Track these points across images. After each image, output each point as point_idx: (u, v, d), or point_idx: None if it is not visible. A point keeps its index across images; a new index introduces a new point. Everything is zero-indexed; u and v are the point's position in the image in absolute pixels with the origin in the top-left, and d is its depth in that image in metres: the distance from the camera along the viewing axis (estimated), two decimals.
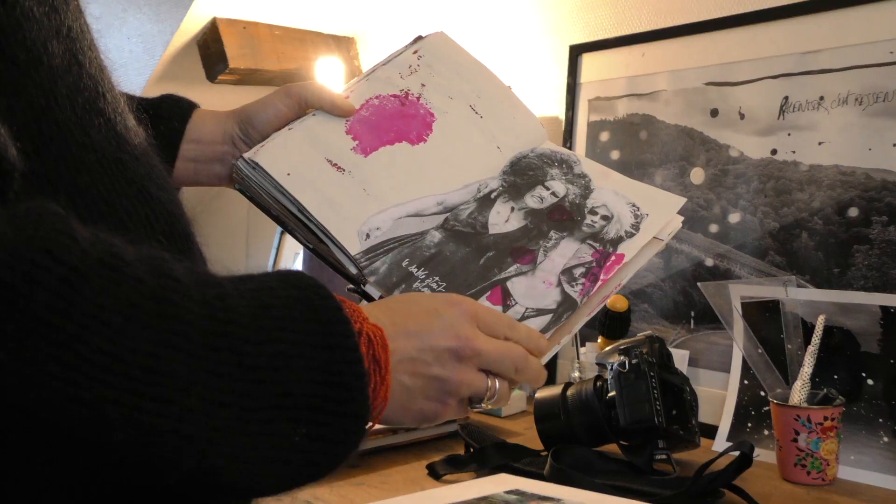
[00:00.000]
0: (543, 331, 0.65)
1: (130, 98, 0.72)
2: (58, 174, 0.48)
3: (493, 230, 0.72)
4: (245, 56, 1.84)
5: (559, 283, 0.68)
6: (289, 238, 2.15)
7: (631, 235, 0.71)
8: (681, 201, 0.77)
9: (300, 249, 2.02)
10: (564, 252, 0.70)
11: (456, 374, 0.57)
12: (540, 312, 0.66)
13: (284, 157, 0.74)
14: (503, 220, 0.73)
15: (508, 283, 0.69)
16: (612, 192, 0.76)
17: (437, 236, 0.72)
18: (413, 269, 0.69)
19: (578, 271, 0.69)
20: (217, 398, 0.43)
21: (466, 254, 0.71)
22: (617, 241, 0.71)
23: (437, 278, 0.69)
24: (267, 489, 0.48)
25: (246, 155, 0.74)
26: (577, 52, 1.61)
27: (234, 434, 0.44)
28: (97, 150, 0.51)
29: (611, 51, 1.55)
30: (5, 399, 0.37)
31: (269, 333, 0.46)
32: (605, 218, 0.74)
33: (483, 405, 0.60)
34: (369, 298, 0.69)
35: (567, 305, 0.67)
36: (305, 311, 0.48)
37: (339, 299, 0.51)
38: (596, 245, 0.71)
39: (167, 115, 0.81)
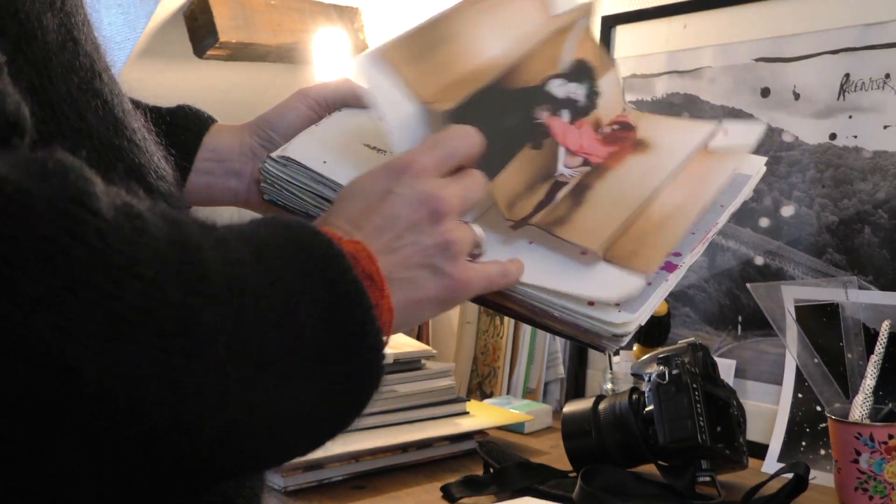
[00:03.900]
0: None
1: (136, 102, 0.74)
2: None
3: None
4: (237, 28, 1.85)
5: None
6: None
7: None
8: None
9: None
10: None
11: (442, 236, 0.60)
12: None
13: (318, 147, 0.75)
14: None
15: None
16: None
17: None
18: None
19: None
20: (241, 349, 0.45)
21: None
22: None
23: None
24: (295, 446, 0.51)
25: (274, 154, 0.75)
26: (610, 23, 1.61)
27: (258, 388, 0.46)
28: (93, 136, 0.53)
29: (649, 22, 1.56)
30: (45, 365, 0.39)
31: (274, 273, 0.49)
32: None
33: (481, 250, 0.65)
34: None
35: None
36: (297, 249, 0.51)
37: (323, 229, 0.54)
38: None
39: (183, 123, 0.82)
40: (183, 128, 0.82)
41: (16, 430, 0.40)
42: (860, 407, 1.10)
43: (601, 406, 1.18)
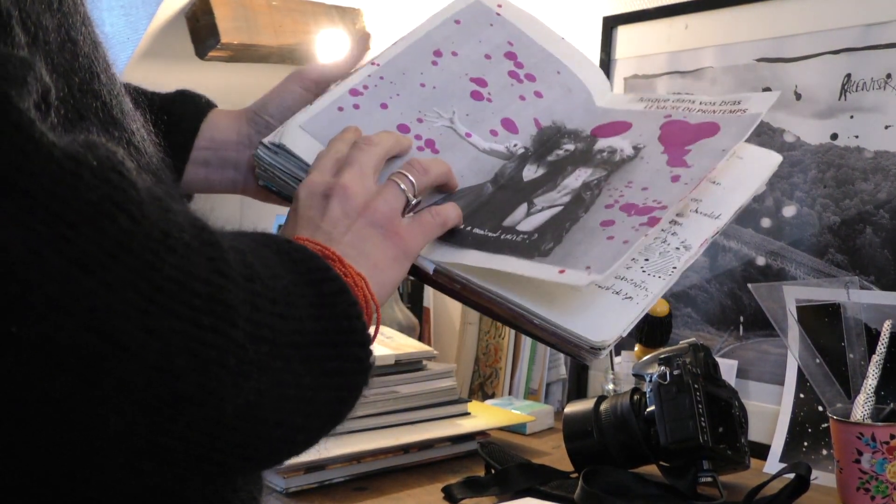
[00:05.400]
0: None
1: (137, 90, 0.74)
2: None
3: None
4: (239, 30, 1.85)
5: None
6: None
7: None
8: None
9: None
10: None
11: (366, 207, 0.65)
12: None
13: (311, 133, 0.75)
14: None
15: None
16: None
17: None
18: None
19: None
20: (255, 332, 0.47)
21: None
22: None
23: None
24: (296, 437, 0.52)
25: (266, 139, 0.75)
26: (611, 23, 1.61)
27: (270, 371, 0.48)
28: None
29: (650, 22, 1.56)
30: (91, 325, 0.40)
31: (273, 269, 0.51)
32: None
33: (415, 200, 0.70)
34: (420, 275, 0.72)
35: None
36: (280, 253, 0.54)
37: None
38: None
39: (180, 111, 0.82)
40: (180, 115, 0.82)
41: (60, 386, 0.41)
42: (862, 407, 1.10)
43: (603, 407, 1.18)
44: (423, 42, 0.85)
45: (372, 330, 0.58)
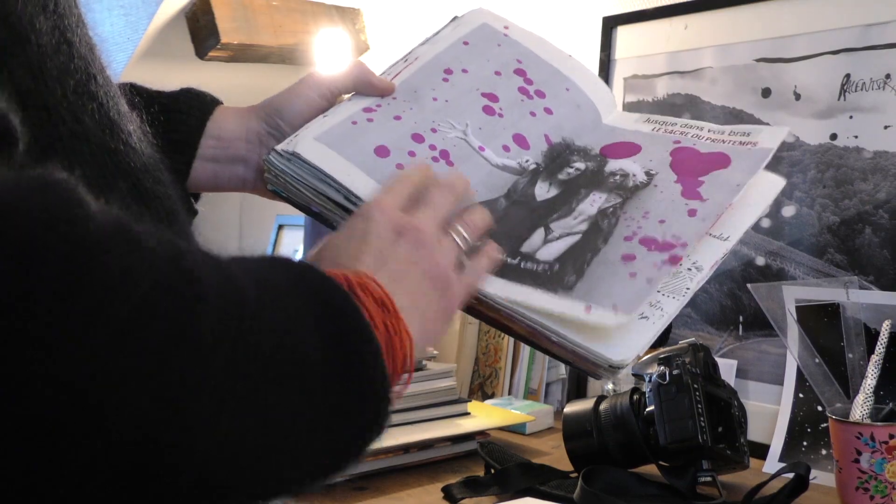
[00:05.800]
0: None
1: (139, 89, 0.74)
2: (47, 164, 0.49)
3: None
4: (238, 30, 1.85)
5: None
6: (286, 237, 2.17)
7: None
8: None
9: (299, 247, 2.03)
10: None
11: (425, 257, 0.63)
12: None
13: (327, 144, 0.75)
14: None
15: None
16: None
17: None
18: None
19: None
20: (239, 369, 0.44)
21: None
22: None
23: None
24: (286, 477, 0.49)
25: (279, 146, 0.75)
26: (611, 24, 1.61)
27: (256, 408, 0.45)
28: (90, 140, 0.52)
29: (649, 23, 1.56)
30: (39, 373, 0.38)
31: (275, 301, 0.48)
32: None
33: (467, 260, 0.68)
34: None
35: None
36: (298, 283, 0.51)
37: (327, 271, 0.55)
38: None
39: (186, 108, 0.81)
40: (185, 113, 0.81)
41: (5, 433, 0.39)
42: (861, 407, 1.10)
43: (602, 406, 1.19)
44: (433, 63, 0.86)
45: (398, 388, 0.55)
